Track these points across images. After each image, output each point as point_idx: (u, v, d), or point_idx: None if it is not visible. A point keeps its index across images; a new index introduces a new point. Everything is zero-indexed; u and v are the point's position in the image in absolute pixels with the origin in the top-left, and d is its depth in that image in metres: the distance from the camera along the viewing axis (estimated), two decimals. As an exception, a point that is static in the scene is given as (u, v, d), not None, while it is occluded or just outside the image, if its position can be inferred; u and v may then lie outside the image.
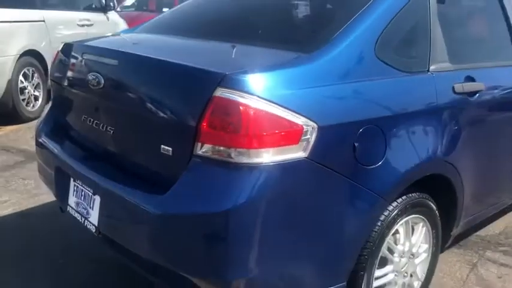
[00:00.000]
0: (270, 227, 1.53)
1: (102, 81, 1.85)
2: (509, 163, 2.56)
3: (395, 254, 2.01)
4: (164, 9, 10.32)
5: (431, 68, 2.01)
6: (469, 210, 2.38)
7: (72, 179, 2.04)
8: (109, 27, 6.83)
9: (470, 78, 2.13)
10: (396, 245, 2.01)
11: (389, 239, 1.93)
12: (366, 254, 1.82)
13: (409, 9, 1.97)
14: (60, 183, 2.14)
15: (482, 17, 2.57)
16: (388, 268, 2.00)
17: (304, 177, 1.56)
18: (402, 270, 2.06)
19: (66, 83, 2.20)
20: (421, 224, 2.10)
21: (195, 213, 1.52)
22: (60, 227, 2.99)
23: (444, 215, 2.20)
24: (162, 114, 1.68)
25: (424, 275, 2.21)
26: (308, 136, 1.55)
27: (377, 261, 1.90)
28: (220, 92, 1.50)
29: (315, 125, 1.56)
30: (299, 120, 1.53)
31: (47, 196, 3.44)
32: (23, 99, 5.36)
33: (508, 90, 2.39)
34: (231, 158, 1.50)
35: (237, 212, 1.47)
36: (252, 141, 1.48)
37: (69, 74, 2.17)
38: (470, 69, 2.18)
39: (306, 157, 1.55)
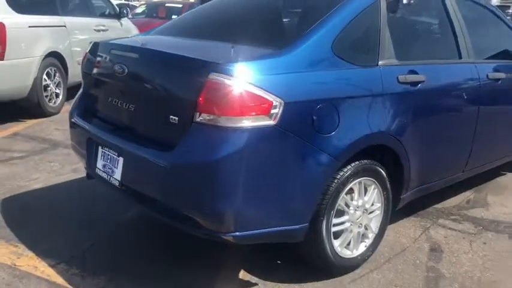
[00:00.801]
0: (249, 173, 2.11)
1: (126, 70, 2.45)
2: (451, 142, 3.12)
3: (351, 208, 2.57)
4: (173, 17, 10.99)
5: (380, 63, 2.58)
6: (418, 181, 2.93)
7: (100, 147, 2.64)
8: (122, 33, 7.45)
9: (413, 71, 2.71)
10: (352, 200, 2.58)
11: (344, 194, 2.49)
12: (325, 203, 2.38)
13: (363, 17, 2.56)
14: (90, 151, 2.73)
15: (427, 21, 3.15)
16: (345, 218, 2.56)
17: (273, 138, 2.14)
18: (357, 221, 2.62)
19: (96, 73, 2.80)
20: (372, 186, 2.66)
21: (194, 162, 2.11)
22: (83, 196, 3.62)
23: (394, 181, 2.76)
24: (171, 93, 2.28)
25: (377, 229, 2.77)
26: (277, 109, 2.13)
27: (334, 211, 2.46)
28: (213, 76, 2.09)
29: (282, 101, 2.14)
30: (270, 97, 2.11)
31: (71, 175, 4.06)
32: (46, 96, 5.93)
33: (448, 81, 2.97)
34: (220, 123, 2.08)
35: (224, 161, 2.06)
36: (235, 111, 2.07)
37: (99, 65, 2.77)
38: (414, 64, 2.76)
39: (274, 124, 2.13)
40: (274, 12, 2.88)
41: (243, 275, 2.64)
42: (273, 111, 2.12)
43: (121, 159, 2.47)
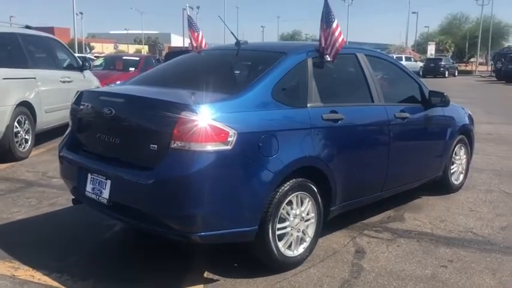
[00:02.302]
0: (211, 185, 2.82)
1: (114, 112, 3.14)
2: (369, 167, 3.96)
3: (291, 216, 3.30)
4: (131, 69, 11.74)
5: (308, 105, 3.42)
6: (343, 196, 3.71)
7: (89, 173, 3.27)
8: (85, 83, 8.07)
9: (334, 111, 3.56)
10: (291, 210, 3.32)
11: (285, 204, 3.22)
12: (270, 211, 3.11)
13: (294, 71, 3.43)
14: (80, 178, 3.35)
15: (345, 74, 4.08)
16: (286, 223, 3.28)
17: (229, 159, 2.88)
18: (296, 226, 3.35)
19: (84, 115, 3.47)
20: (307, 199, 3.41)
21: (171, 178, 2.80)
22: (64, 223, 4.17)
23: (325, 196, 3.54)
24: (151, 127, 2.99)
25: (313, 234, 3.50)
26: (232, 138, 2.88)
27: (278, 218, 3.18)
28: (184, 114, 2.83)
29: (236, 132, 2.89)
30: (227, 129, 2.87)
31: (49, 208, 4.59)
32: (16, 142, 6.41)
33: (362, 119, 3.86)
34: (190, 148, 2.80)
35: (193, 176, 2.77)
36: (201, 139, 2.80)
37: (87, 109, 3.45)
38: (335, 106, 3.61)
39: (230, 149, 2.87)
40: (228, 66, 3.73)
41: (207, 274, 3.27)
42: (229, 139, 2.87)
43: (109, 182, 3.11)
